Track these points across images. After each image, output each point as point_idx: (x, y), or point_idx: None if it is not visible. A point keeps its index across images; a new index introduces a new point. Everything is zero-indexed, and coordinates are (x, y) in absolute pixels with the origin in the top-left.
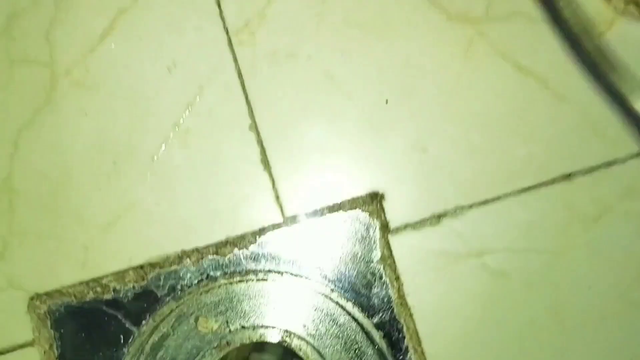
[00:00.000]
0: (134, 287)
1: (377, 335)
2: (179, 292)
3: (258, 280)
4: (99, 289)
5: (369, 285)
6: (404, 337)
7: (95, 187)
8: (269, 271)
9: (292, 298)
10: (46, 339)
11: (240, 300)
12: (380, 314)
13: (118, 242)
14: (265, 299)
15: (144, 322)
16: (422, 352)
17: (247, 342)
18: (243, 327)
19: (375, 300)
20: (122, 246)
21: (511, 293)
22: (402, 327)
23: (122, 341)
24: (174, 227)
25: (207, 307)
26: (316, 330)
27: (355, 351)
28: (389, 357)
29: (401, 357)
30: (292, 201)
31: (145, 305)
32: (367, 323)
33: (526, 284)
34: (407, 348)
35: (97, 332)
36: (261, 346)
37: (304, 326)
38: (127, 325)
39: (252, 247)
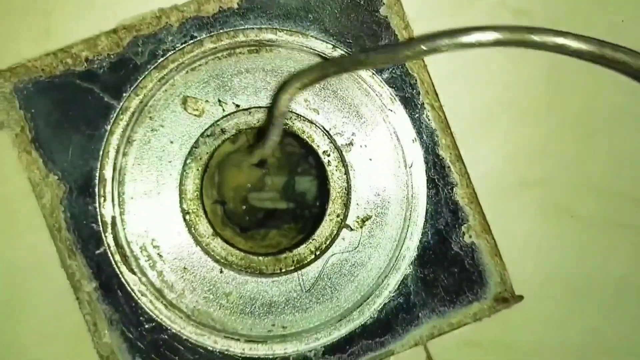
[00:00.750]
0: (109, 55)
1: (387, 93)
2: (161, 59)
3: (250, 51)
4: (69, 61)
5: (375, 38)
6: (418, 93)
7: None
8: (260, 29)
9: (289, 66)
10: (16, 120)
11: (232, 75)
12: (390, 69)
13: (84, 3)
14: (260, 71)
15: (124, 94)
16: (440, 107)
17: (244, 127)
18: (237, 106)
19: None
20: (89, 7)
21: None
22: (416, 81)
23: (102, 117)
24: None
25: (196, 86)
26: (320, 103)
27: (357, 115)
28: (402, 116)
29: (417, 115)
30: None
31: (124, 75)
32: (376, 81)
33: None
34: (422, 105)
35: (73, 109)
36: (261, 184)
37: (305, 101)
38: (105, 99)
39: (239, 1)
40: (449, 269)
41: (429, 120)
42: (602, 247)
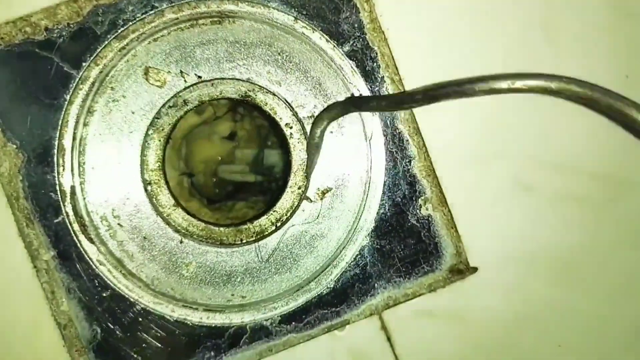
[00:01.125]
0: (68, 25)
1: (348, 66)
2: (121, 29)
3: (213, 22)
4: (28, 29)
5: (337, 10)
6: (379, 67)
7: None
8: (222, 0)
9: (250, 36)
10: None
11: (194, 47)
12: (351, 42)
13: None
14: (222, 43)
15: (84, 64)
16: (400, 81)
17: (206, 99)
18: (199, 77)
19: (345, 27)
20: None
21: None
22: (377, 55)
23: (62, 87)
24: None
25: (158, 57)
26: (282, 75)
27: (319, 87)
28: (363, 89)
29: (377, 88)
30: None
31: (83, 45)
32: (337, 54)
33: None
34: (382, 78)
35: (32, 78)
36: (232, 158)
37: (268, 73)
38: (65, 68)
39: None
40: (406, 240)
41: (388, 93)
42: (555, 219)
